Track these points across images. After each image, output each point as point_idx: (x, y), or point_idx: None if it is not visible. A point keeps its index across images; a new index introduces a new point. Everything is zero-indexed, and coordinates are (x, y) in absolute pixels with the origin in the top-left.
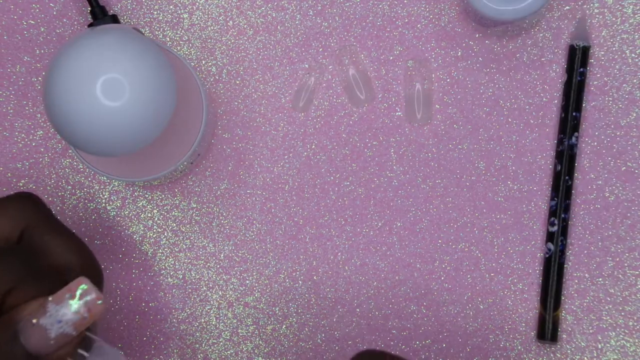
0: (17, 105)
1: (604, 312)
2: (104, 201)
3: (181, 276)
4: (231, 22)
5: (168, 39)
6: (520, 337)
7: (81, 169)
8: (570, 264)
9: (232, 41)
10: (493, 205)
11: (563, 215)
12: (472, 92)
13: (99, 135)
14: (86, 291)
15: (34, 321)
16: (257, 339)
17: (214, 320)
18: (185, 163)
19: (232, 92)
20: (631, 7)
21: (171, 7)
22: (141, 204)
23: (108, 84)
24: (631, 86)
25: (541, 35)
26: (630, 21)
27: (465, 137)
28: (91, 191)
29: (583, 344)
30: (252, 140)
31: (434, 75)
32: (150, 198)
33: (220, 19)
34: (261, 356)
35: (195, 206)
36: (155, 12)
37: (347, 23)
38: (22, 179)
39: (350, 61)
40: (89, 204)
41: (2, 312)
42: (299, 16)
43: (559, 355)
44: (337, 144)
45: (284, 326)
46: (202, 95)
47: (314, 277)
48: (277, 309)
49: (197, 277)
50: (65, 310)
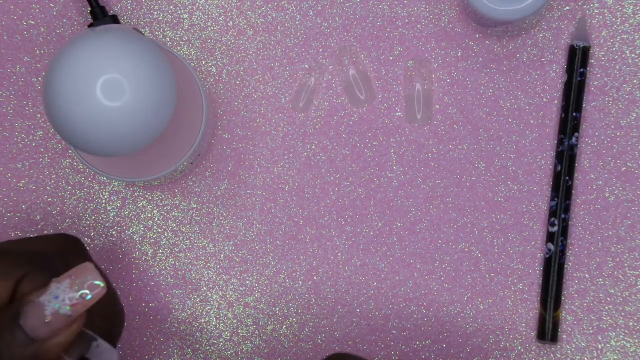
0: (17, 105)
1: (604, 312)
2: (104, 201)
3: (181, 276)
4: (231, 22)
5: (168, 39)
6: (520, 337)
7: (81, 169)
8: (570, 264)
9: (232, 41)
10: (493, 205)
11: (563, 216)
12: (472, 92)
13: (99, 135)
14: (88, 274)
15: (34, 299)
16: (257, 339)
17: (214, 320)
18: (185, 163)
19: (232, 92)
20: (631, 7)
21: (171, 7)
22: (141, 204)
23: (108, 84)
24: (631, 86)
25: (541, 35)
26: (630, 21)
27: (465, 137)
28: (91, 191)
29: (583, 344)
30: (252, 140)
31: (434, 75)
32: (150, 198)
33: (220, 19)
34: (261, 356)
35: (195, 206)
36: (155, 12)
37: (347, 23)
38: (22, 179)
39: (350, 61)
40: (89, 204)
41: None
42: (299, 16)
43: (559, 355)
44: (337, 144)
45: (284, 326)
46: (202, 95)
47: (314, 277)
48: (277, 309)
49: (197, 277)
50: (65, 288)
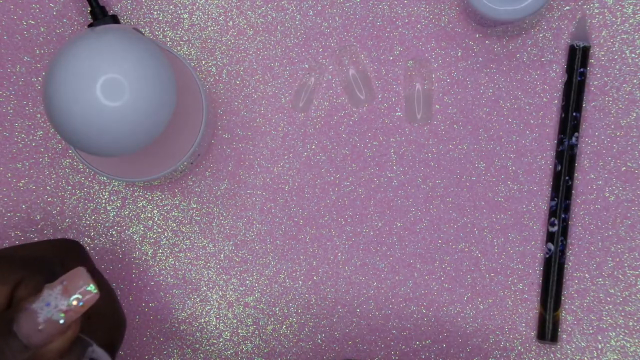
0: (17, 105)
1: (604, 312)
2: (104, 201)
3: (181, 276)
4: (231, 22)
5: (168, 39)
6: (520, 337)
7: (81, 169)
8: (570, 264)
9: (232, 41)
10: (493, 205)
11: (563, 216)
12: (472, 92)
13: (99, 135)
14: (80, 280)
15: (27, 306)
16: (257, 339)
17: (214, 320)
18: (185, 163)
19: (232, 92)
20: (631, 7)
21: (171, 7)
22: (141, 204)
23: (108, 84)
24: (631, 86)
25: (541, 35)
26: (630, 21)
27: (465, 137)
28: (91, 191)
29: (583, 344)
30: (252, 140)
31: (434, 75)
32: (150, 198)
33: (220, 19)
34: (261, 356)
35: (195, 206)
36: (155, 12)
37: (347, 23)
38: (22, 179)
39: (350, 61)
40: (89, 204)
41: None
42: (299, 16)
43: (559, 355)
44: (337, 144)
45: (284, 326)
46: (202, 95)
47: (314, 277)
48: (277, 309)
49: (197, 277)
50: (57, 295)
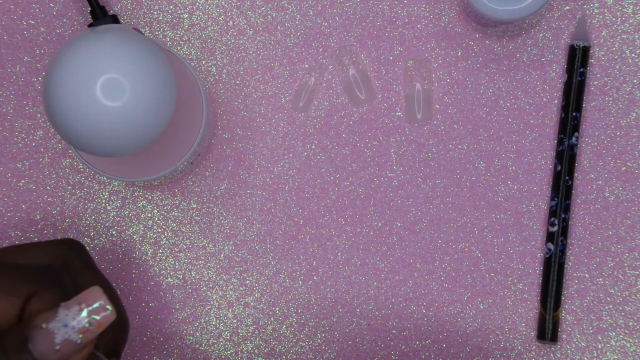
0: (17, 105)
1: (604, 312)
2: (104, 201)
3: (181, 276)
4: (231, 22)
5: (168, 39)
6: (520, 337)
7: (81, 169)
8: (570, 264)
9: (232, 41)
10: (493, 205)
11: (563, 216)
12: (472, 92)
13: (99, 135)
14: (98, 299)
15: (43, 325)
16: (257, 339)
17: (214, 320)
18: (185, 163)
19: (232, 92)
20: (631, 7)
21: (171, 7)
22: (141, 204)
23: (108, 84)
24: (631, 86)
25: (541, 35)
26: (630, 21)
27: (465, 137)
28: (91, 191)
29: (583, 344)
30: (252, 140)
31: (434, 75)
32: (150, 198)
33: (220, 19)
34: (261, 356)
35: (195, 206)
36: (155, 12)
37: (347, 23)
38: (22, 179)
39: (350, 61)
40: (89, 204)
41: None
42: (299, 16)
43: (559, 355)
44: (337, 144)
45: (284, 326)
46: (202, 95)
47: (314, 277)
48: (277, 309)
49: (197, 277)
50: (74, 315)
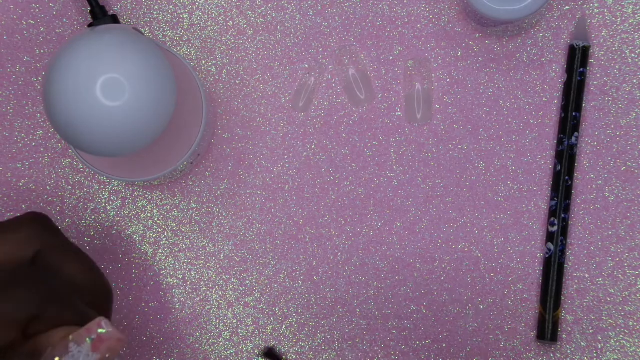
0: (17, 105)
1: (604, 312)
2: (104, 201)
3: (181, 276)
4: (231, 22)
5: (168, 39)
6: (520, 337)
7: (81, 169)
8: (570, 264)
9: (232, 41)
10: (493, 205)
11: (563, 215)
12: (472, 92)
13: (99, 135)
14: (106, 332)
15: (57, 359)
16: (257, 339)
17: (214, 320)
18: (185, 163)
19: (232, 92)
20: (631, 7)
21: (171, 7)
22: (141, 204)
23: (108, 84)
24: (631, 86)
25: (541, 35)
26: (630, 21)
27: (465, 137)
28: (91, 191)
29: (583, 344)
30: (252, 140)
31: (434, 75)
32: (150, 198)
33: (220, 19)
34: (261, 356)
35: (195, 206)
36: (155, 12)
37: (347, 23)
38: (22, 179)
39: (350, 61)
40: (89, 204)
41: (26, 338)
42: (299, 16)
43: (559, 355)
44: (337, 144)
45: (284, 326)
46: (202, 95)
47: (314, 277)
48: (277, 309)
49: (197, 277)
50: (88, 352)
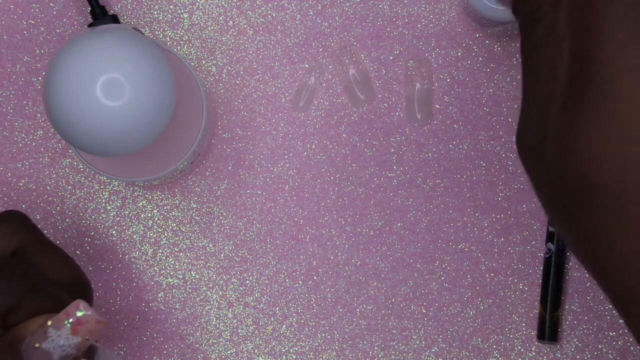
0: (17, 105)
1: (604, 312)
2: (104, 201)
3: (181, 276)
4: (231, 22)
5: (168, 39)
6: (520, 337)
7: (81, 169)
8: (570, 264)
9: (232, 41)
10: (493, 205)
11: None
12: (472, 92)
13: (99, 135)
14: (84, 314)
15: (37, 345)
16: (257, 339)
17: (214, 320)
18: (185, 163)
19: (232, 92)
20: None
21: (171, 7)
22: (141, 204)
23: (108, 84)
24: None
25: None
26: None
27: (465, 137)
28: (91, 191)
29: (583, 344)
30: (252, 140)
31: (434, 75)
32: (150, 198)
33: (220, 19)
34: (261, 356)
35: (195, 206)
36: (155, 12)
37: (347, 23)
38: (22, 179)
39: (350, 61)
40: (89, 204)
41: (5, 329)
42: (299, 16)
43: (558, 355)
44: (337, 144)
45: (284, 326)
46: (202, 95)
47: (314, 277)
48: (277, 309)
49: (197, 277)
50: (67, 335)
